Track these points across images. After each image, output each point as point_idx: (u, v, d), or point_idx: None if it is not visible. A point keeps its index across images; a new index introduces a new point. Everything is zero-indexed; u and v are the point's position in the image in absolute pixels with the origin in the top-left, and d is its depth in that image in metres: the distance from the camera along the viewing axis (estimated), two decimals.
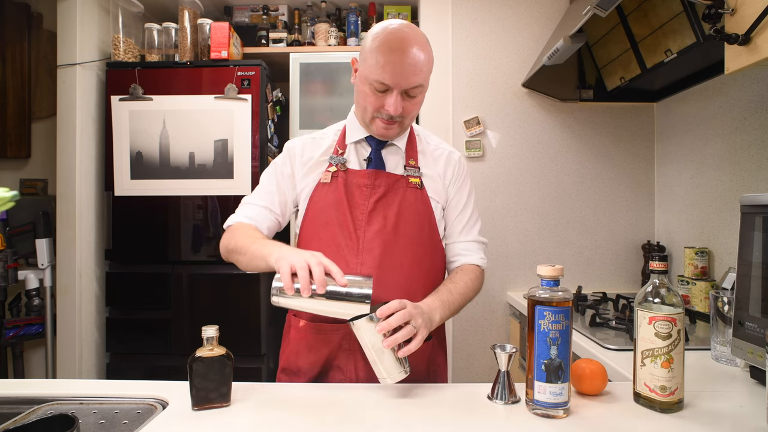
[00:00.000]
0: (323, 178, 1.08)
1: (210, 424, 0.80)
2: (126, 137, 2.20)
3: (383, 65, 0.96)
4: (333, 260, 0.88)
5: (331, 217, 1.05)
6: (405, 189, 1.07)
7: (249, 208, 1.12)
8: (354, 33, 2.45)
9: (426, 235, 1.08)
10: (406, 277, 1.04)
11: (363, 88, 1.02)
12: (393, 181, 1.07)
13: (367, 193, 1.06)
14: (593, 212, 2.27)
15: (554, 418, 0.80)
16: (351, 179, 1.07)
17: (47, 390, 0.95)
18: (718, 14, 1.14)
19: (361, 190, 1.06)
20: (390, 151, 1.11)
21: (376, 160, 1.09)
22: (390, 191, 1.06)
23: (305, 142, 1.14)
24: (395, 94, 0.98)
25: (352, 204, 1.05)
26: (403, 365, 0.88)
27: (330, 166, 1.09)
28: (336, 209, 1.05)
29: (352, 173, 1.08)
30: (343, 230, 1.04)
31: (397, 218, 1.04)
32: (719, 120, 1.77)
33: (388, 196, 1.06)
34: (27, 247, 2.24)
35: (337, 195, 1.06)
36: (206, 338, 0.85)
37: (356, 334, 0.88)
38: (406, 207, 1.06)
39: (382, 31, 0.99)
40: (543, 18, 2.26)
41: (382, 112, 1.01)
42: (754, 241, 0.97)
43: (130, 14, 2.37)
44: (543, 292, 0.82)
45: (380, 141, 1.10)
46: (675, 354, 0.81)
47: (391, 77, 0.96)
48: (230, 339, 1.13)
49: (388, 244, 1.03)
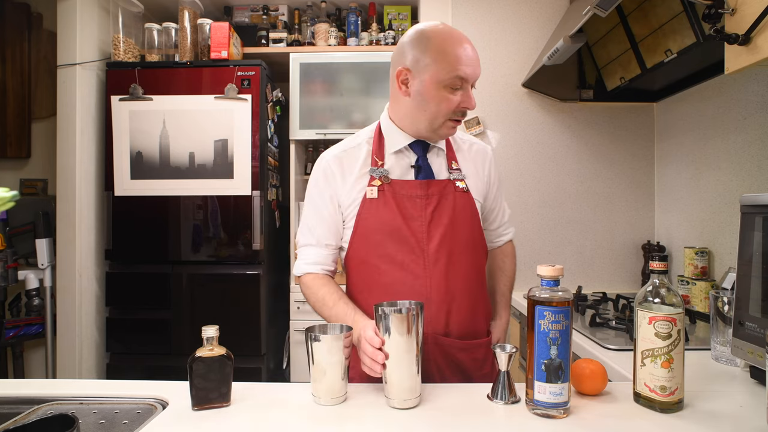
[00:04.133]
0: (369, 194, 1.03)
1: (210, 424, 0.80)
2: (126, 137, 2.20)
3: (460, 61, 0.97)
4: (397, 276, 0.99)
5: (386, 233, 1.02)
6: (454, 194, 1.06)
7: (308, 251, 1.10)
8: (354, 33, 2.45)
9: (477, 238, 1.10)
10: (468, 282, 1.06)
11: (440, 93, 0.99)
12: (443, 188, 1.06)
13: (422, 203, 1.03)
14: (593, 212, 2.27)
15: (554, 418, 0.80)
16: (400, 191, 1.04)
17: (47, 390, 0.95)
18: (718, 14, 1.14)
19: (415, 201, 1.03)
20: (433, 154, 1.10)
21: (425, 168, 1.06)
22: (443, 199, 1.05)
23: (340, 157, 1.09)
24: (468, 87, 1.00)
25: (407, 217, 1.02)
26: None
27: (373, 180, 1.05)
28: (391, 225, 1.02)
29: (399, 184, 1.04)
30: (405, 246, 1.02)
31: (452, 226, 1.04)
32: (719, 120, 1.77)
33: (442, 204, 1.04)
34: (27, 247, 2.24)
35: (389, 210, 1.03)
36: (206, 338, 0.85)
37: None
38: (459, 213, 1.05)
39: (432, 32, 0.99)
40: (543, 18, 2.26)
41: (458, 111, 1.01)
42: (754, 241, 0.97)
43: (130, 14, 2.37)
44: (543, 292, 0.82)
45: (425, 146, 1.08)
46: (675, 354, 0.81)
47: (471, 70, 0.98)
48: (230, 339, 1.13)
49: (451, 254, 1.03)
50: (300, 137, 2.36)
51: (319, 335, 0.87)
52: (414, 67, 1.00)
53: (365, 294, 1.06)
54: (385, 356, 0.85)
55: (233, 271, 2.20)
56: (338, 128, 2.35)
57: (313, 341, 0.87)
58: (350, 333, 0.90)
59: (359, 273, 1.08)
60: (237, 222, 2.19)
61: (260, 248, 2.19)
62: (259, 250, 2.19)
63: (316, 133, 2.34)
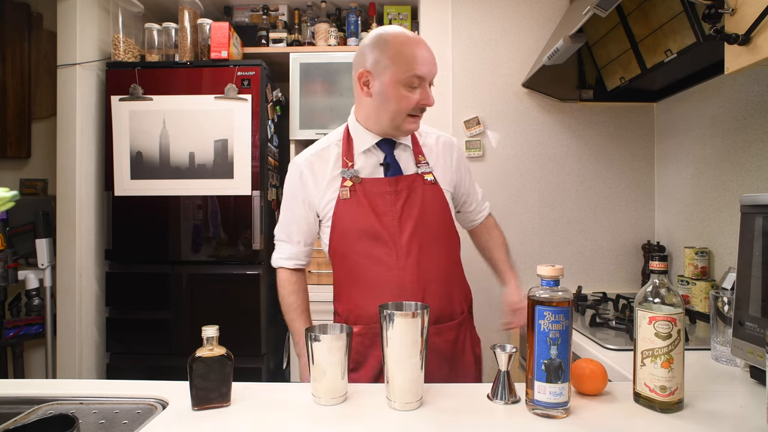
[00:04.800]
0: (342, 194, 1.10)
1: (210, 424, 0.80)
2: (126, 137, 2.20)
3: (417, 60, 1.03)
4: (375, 270, 1.07)
5: (361, 230, 1.09)
6: (423, 187, 1.12)
7: (283, 247, 1.23)
8: (354, 33, 2.45)
9: (448, 226, 1.16)
10: (441, 268, 1.12)
11: (398, 92, 1.05)
12: (411, 182, 1.12)
13: (392, 199, 1.10)
14: (593, 212, 2.27)
15: (554, 418, 0.80)
16: (371, 189, 1.10)
17: (47, 390, 0.95)
18: (718, 14, 1.14)
19: (385, 198, 1.10)
20: (400, 150, 1.15)
21: (393, 165, 1.13)
22: (411, 192, 1.11)
23: (311, 161, 1.16)
24: (426, 85, 1.07)
25: (379, 213, 1.09)
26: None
27: (345, 181, 1.11)
28: (365, 221, 1.09)
29: (370, 183, 1.11)
30: (379, 241, 1.09)
31: (422, 217, 1.10)
32: (719, 120, 1.77)
33: (411, 198, 1.11)
34: (27, 247, 2.24)
35: (362, 208, 1.09)
36: (206, 338, 0.85)
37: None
38: (428, 204, 1.11)
39: (390, 35, 1.06)
40: (543, 18, 2.26)
41: (418, 108, 1.08)
42: (754, 241, 0.97)
43: (130, 14, 2.37)
44: (543, 292, 0.82)
45: (391, 143, 1.14)
46: (675, 354, 0.81)
47: (427, 69, 1.05)
48: (230, 339, 1.13)
49: (422, 244, 1.09)
50: (300, 137, 2.36)
51: (319, 335, 0.87)
52: (374, 69, 1.07)
53: (348, 286, 1.14)
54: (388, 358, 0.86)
55: (233, 271, 2.20)
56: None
57: (313, 341, 0.87)
58: (351, 333, 0.90)
59: (342, 267, 1.15)
60: (237, 222, 2.19)
61: (260, 248, 2.19)
62: (259, 250, 2.19)
63: (316, 133, 2.34)
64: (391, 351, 0.85)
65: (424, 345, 0.86)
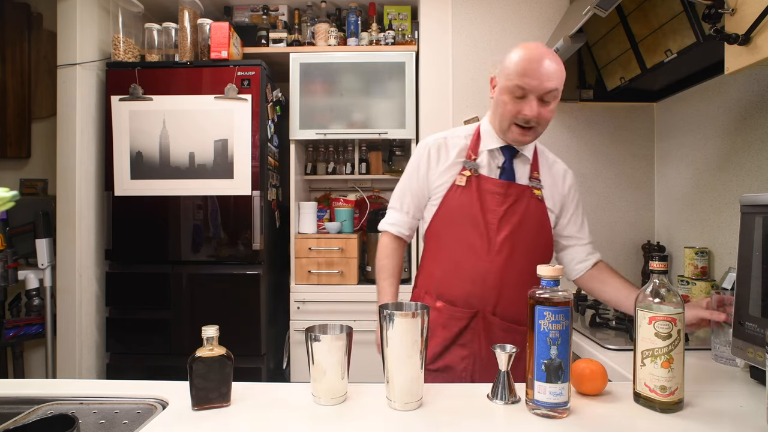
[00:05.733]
0: (458, 181, 1.21)
1: (210, 424, 0.80)
2: (126, 137, 2.20)
3: (522, 72, 1.09)
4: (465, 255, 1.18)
5: (464, 216, 1.19)
6: (529, 199, 1.20)
7: (391, 214, 1.33)
8: (354, 33, 2.45)
9: (542, 240, 1.23)
10: (525, 274, 1.17)
11: (502, 98, 1.14)
12: (521, 191, 1.20)
13: (500, 200, 1.19)
14: (593, 212, 2.27)
15: (554, 418, 0.80)
16: (484, 185, 1.20)
17: (47, 390, 0.95)
18: (718, 14, 1.14)
19: (494, 197, 1.19)
20: (520, 161, 1.23)
21: (508, 171, 1.21)
22: (518, 200, 1.19)
23: (440, 143, 1.27)
24: (532, 98, 1.11)
25: (485, 208, 1.19)
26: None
27: (464, 170, 1.21)
28: (470, 210, 1.19)
29: (485, 179, 1.21)
30: (476, 230, 1.19)
31: (521, 225, 1.18)
32: (719, 120, 1.77)
33: (516, 205, 1.19)
34: (27, 247, 2.24)
35: (471, 198, 1.19)
36: (206, 338, 0.85)
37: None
38: (529, 216, 1.19)
39: (521, 48, 1.14)
40: (543, 18, 2.26)
41: (519, 118, 1.13)
42: (754, 241, 0.97)
43: (130, 14, 2.37)
44: (543, 292, 0.82)
45: (513, 152, 1.22)
46: (675, 354, 0.81)
47: (529, 81, 1.09)
48: (230, 339, 1.13)
49: (514, 247, 1.18)
50: (300, 137, 2.36)
51: (319, 335, 0.87)
52: (500, 73, 1.16)
53: (436, 264, 1.25)
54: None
55: (233, 271, 2.20)
56: (338, 128, 2.35)
57: (313, 341, 0.87)
58: (350, 333, 0.90)
59: (434, 245, 1.26)
60: (237, 222, 2.19)
61: (260, 248, 2.19)
62: (259, 250, 2.19)
63: (316, 133, 2.34)
64: (391, 351, 0.85)
65: (424, 345, 0.86)
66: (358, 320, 2.18)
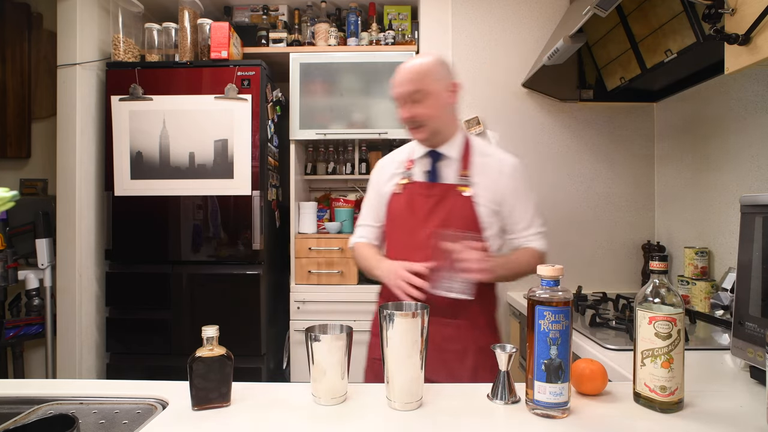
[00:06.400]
0: (396, 189, 1.34)
1: (210, 424, 0.80)
2: (126, 137, 2.20)
3: (392, 85, 1.26)
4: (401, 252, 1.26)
5: (401, 220, 1.31)
6: (455, 197, 1.26)
7: (358, 230, 1.45)
8: (354, 33, 2.45)
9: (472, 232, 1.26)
10: None
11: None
12: (445, 190, 1.27)
13: (425, 200, 1.28)
14: (593, 212, 2.27)
15: (554, 418, 0.80)
16: (415, 189, 1.31)
17: (47, 390, 0.95)
18: (718, 14, 1.14)
19: (421, 198, 1.29)
20: (444, 164, 1.30)
21: (432, 173, 1.31)
22: (443, 199, 1.26)
23: (386, 160, 1.43)
24: (403, 103, 1.25)
25: (413, 209, 1.29)
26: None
27: (402, 179, 1.34)
28: (403, 213, 1.31)
29: (416, 184, 1.32)
30: (406, 231, 1.29)
31: (446, 221, 1.24)
32: (719, 120, 1.77)
33: (441, 203, 1.26)
34: (27, 247, 2.24)
35: (405, 202, 1.31)
36: (206, 338, 0.85)
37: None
38: (454, 212, 1.25)
39: None
40: (543, 18, 2.26)
41: (403, 122, 1.27)
42: (754, 241, 0.97)
43: (130, 14, 2.37)
44: (543, 292, 0.82)
45: (437, 155, 1.30)
46: (675, 354, 0.81)
47: (393, 92, 1.26)
48: (230, 339, 1.13)
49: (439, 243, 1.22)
50: (300, 137, 2.36)
51: (319, 335, 0.87)
52: None
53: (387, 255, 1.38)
54: (387, 353, 0.87)
55: (233, 271, 2.20)
56: (338, 128, 2.35)
57: (313, 341, 0.87)
58: (351, 333, 0.90)
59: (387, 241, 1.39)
60: (237, 222, 2.19)
61: (260, 248, 2.19)
62: (259, 250, 2.19)
63: (316, 133, 2.34)
64: (391, 351, 0.85)
65: (424, 345, 0.86)
66: (358, 320, 2.18)
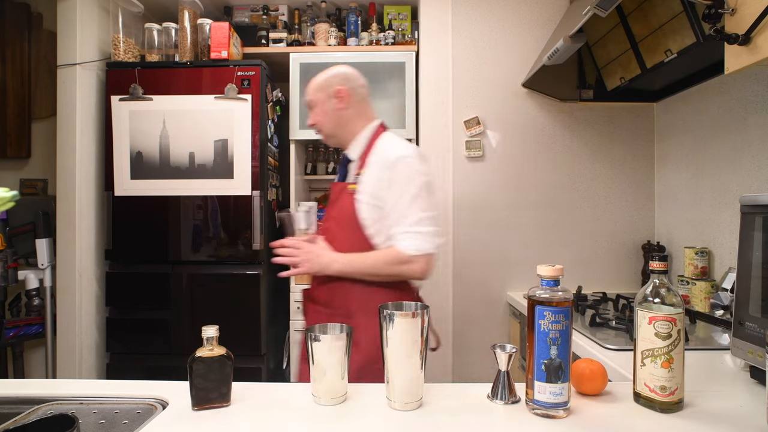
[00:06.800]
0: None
1: (210, 424, 0.80)
2: (126, 137, 2.20)
3: None
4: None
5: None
6: (342, 193, 1.35)
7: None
8: (354, 33, 2.45)
9: (352, 234, 1.33)
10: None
11: None
12: (339, 189, 1.38)
13: (331, 200, 1.41)
14: (593, 212, 2.27)
15: (554, 418, 0.80)
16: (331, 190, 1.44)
17: (47, 390, 0.95)
18: (718, 14, 1.14)
19: (330, 197, 1.42)
20: (352, 165, 1.40)
21: (341, 174, 1.43)
22: (338, 197, 1.37)
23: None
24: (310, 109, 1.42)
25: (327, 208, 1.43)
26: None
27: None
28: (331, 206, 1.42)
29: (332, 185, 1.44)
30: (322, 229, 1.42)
31: (336, 219, 1.36)
32: (719, 120, 1.77)
33: (336, 202, 1.38)
34: (27, 247, 2.24)
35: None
36: (206, 338, 0.85)
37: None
38: (342, 209, 1.34)
39: None
40: (543, 18, 2.26)
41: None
42: (754, 241, 0.97)
43: (130, 14, 2.37)
44: (543, 292, 0.82)
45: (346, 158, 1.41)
46: (675, 354, 0.81)
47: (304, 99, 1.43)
48: (230, 339, 1.13)
49: (331, 240, 1.34)
50: (300, 137, 2.36)
51: (319, 335, 0.87)
52: None
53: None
54: (386, 353, 0.87)
55: (233, 271, 2.20)
56: None
57: (313, 341, 0.87)
58: (351, 332, 0.90)
59: None
60: (237, 222, 2.19)
61: (260, 248, 2.19)
62: (259, 250, 2.19)
63: (316, 133, 2.34)
64: (391, 351, 0.85)
65: (425, 345, 0.86)
66: None
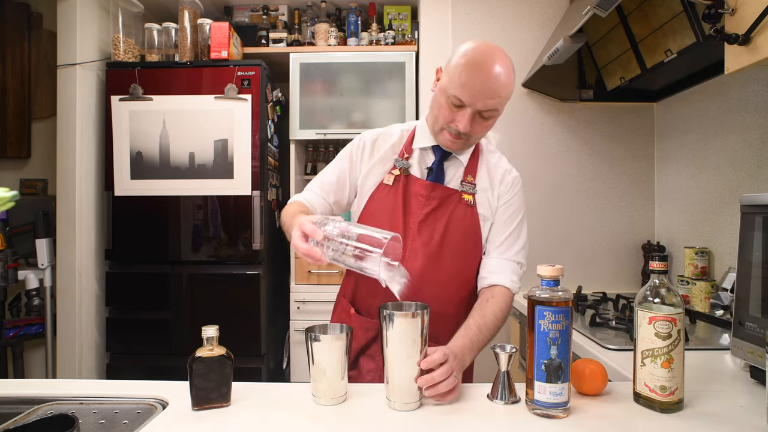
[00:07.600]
0: (386, 179, 1.13)
1: (210, 424, 0.80)
2: (126, 137, 2.20)
3: (464, 83, 0.97)
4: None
5: (386, 218, 1.10)
6: (457, 204, 1.10)
7: (309, 193, 1.19)
8: (354, 33, 2.45)
9: (470, 252, 1.12)
10: (442, 290, 1.08)
11: (440, 99, 1.04)
12: (447, 195, 1.11)
13: (423, 202, 1.10)
14: (593, 212, 2.27)
15: (554, 418, 0.80)
16: (410, 186, 1.11)
17: (47, 390, 0.95)
18: (718, 14, 1.14)
19: (418, 199, 1.10)
20: (451, 164, 1.13)
21: (436, 172, 1.12)
22: (442, 205, 1.10)
23: (375, 137, 1.18)
24: (469, 112, 1.00)
25: (407, 211, 1.10)
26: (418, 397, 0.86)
27: (394, 168, 1.13)
28: (392, 213, 1.10)
29: (412, 180, 1.12)
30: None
31: (444, 232, 1.08)
32: (719, 120, 1.77)
33: (440, 210, 1.10)
34: (27, 247, 2.24)
35: (396, 199, 1.10)
36: (206, 338, 0.85)
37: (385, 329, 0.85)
38: (455, 222, 1.09)
39: (471, 49, 1.00)
40: (543, 18, 2.26)
41: (452, 127, 1.03)
42: (754, 241, 0.97)
43: (130, 14, 2.37)
44: (543, 292, 0.82)
45: (444, 152, 1.12)
46: (675, 354, 0.81)
47: (469, 96, 0.98)
48: (230, 339, 1.13)
49: (431, 257, 1.08)
50: (300, 137, 2.36)
51: (319, 335, 0.87)
52: (444, 68, 1.06)
53: None
54: (386, 354, 0.86)
55: (233, 271, 2.20)
56: (338, 128, 2.35)
57: (313, 341, 0.87)
58: (351, 332, 0.90)
59: None
60: (237, 222, 2.19)
61: (260, 248, 2.19)
62: (259, 250, 2.19)
63: (316, 133, 2.34)
64: (391, 351, 0.85)
65: (424, 345, 0.86)
66: None
